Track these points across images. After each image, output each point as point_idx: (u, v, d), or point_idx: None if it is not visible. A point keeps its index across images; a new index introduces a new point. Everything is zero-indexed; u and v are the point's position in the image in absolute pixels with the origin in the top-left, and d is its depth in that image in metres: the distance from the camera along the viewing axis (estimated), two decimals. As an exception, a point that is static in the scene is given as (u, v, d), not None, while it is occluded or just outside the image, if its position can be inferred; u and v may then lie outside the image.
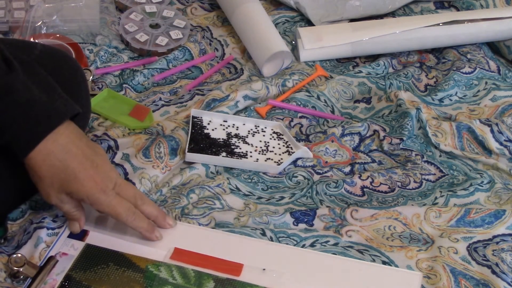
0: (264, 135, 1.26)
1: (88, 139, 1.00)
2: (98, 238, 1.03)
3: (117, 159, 1.16)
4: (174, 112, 1.29)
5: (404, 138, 1.26)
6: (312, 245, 1.07)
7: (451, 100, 1.37)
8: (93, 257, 1.01)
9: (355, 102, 1.36)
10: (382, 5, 1.53)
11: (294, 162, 1.22)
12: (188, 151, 1.18)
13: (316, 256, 1.05)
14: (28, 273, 0.97)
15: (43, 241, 1.02)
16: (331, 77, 1.39)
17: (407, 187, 1.19)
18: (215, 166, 1.19)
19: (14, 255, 0.97)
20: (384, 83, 1.38)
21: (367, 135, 1.28)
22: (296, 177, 1.19)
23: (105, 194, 0.97)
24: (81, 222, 1.02)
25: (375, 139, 1.28)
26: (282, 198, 1.16)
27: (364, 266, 1.04)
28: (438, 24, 1.42)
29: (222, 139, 1.23)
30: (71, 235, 1.03)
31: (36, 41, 1.33)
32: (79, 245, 1.02)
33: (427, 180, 1.21)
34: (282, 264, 1.03)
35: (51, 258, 1.00)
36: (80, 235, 1.03)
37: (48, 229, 1.03)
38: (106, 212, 0.99)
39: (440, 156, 1.25)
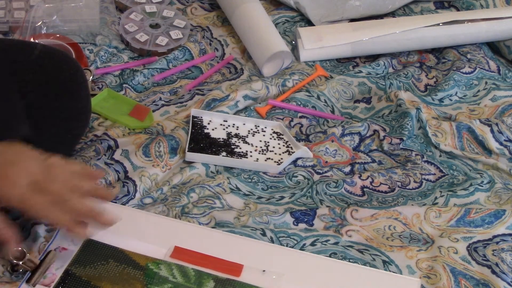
0: (264, 135, 1.26)
1: (9, 147, 0.92)
2: (98, 231, 1.03)
3: (117, 155, 1.16)
4: (174, 112, 1.29)
5: (404, 138, 1.26)
6: (312, 244, 1.07)
7: (451, 100, 1.37)
8: (93, 253, 1.00)
9: (355, 102, 1.36)
10: (382, 5, 1.53)
11: (294, 162, 1.22)
12: (188, 151, 1.18)
13: (316, 260, 1.05)
14: (27, 267, 0.97)
15: (41, 236, 1.02)
16: (331, 77, 1.39)
17: (407, 187, 1.19)
18: (215, 165, 1.19)
19: (14, 249, 0.98)
20: (384, 83, 1.38)
21: (367, 135, 1.28)
22: (296, 177, 1.19)
23: (16, 188, 0.89)
24: (13, 240, 0.92)
25: (375, 139, 1.28)
26: (282, 198, 1.16)
27: (364, 271, 1.04)
28: (438, 24, 1.42)
29: (222, 138, 1.23)
30: None
31: (36, 41, 1.33)
32: (78, 240, 1.02)
33: (427, 180, 1.21)
34: (282, 266, 1.03)
35: (50, 252, 1.00)
36: None
37: (46, 225, 1.03)
38: (22, 209, 0.92)
39: (440, 156, 1.25)
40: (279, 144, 1.25)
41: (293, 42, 1.46)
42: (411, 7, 1.57)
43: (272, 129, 1.27)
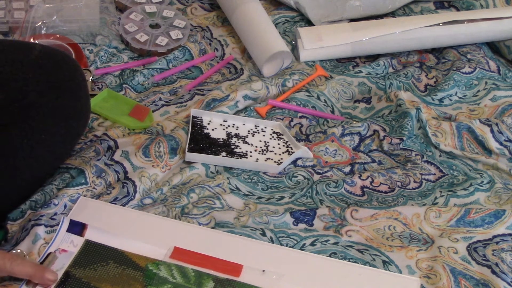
0: (264, 135, 1.26)
1: None
2: (98, 232, 1.03)
3: (117, 156, 1.16)
4: (174, 112, 1.29)
5: (404, 138, 1.26)
6: (312, 244, 1.07)
7: (451, 100, 1.37)
8: (92, 255, 1.01)
9: (355, 102, 1.36)
10: (382, 5, 1.53)
11: (294, 162, 1.22)
12: (188, 151, 1.18)
13: (316, 259, 1.05)
14: None
15: (41, 238, 1.02)
16: (331, 77, 1.39)
17: (407, 187, 1.19)
18: (215, 165, 1.19)
19: (14, 251, 0.98)
20: (384, 83, 1.38)
21: (367, 135, 1.28)
22: (296, 177, 1.19)
23: None
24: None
25: (375, 139, 1.28)
26: (282, 198, 1.16)
27: (364, 270, 1.04)
28: (438, 24, 1.42)
29: (222, 139, 1.23)
30: (70, 229, 1.03)
31: (36, 41, 1.33)
32: (78, 241, 1.02)
33: (427, 180, 1.21)
34: (282, 266, 1.03)
35: (50, 254, 1.00)
36: (79, 229, 1.03)
37: (46, 226, 1.03)
38: None
39: (440, 156, 1.25)
40: (279, 144, 1.25)
41: (293, 42, 1.46)
42: (411, 7, 1.57)
43: (272, 129, 1.27)
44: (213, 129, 1.25)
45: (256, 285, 1.00)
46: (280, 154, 1.23)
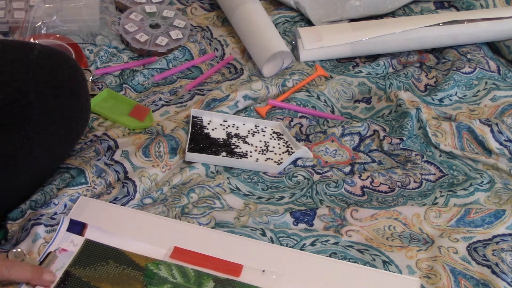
0: (264, 135, 1.26)
1: None
2: (98, 232, 1.03)
3: (117, 156, 1.16)
4: (174, 112, 1.29)
5: (404, 138, 1.26)
6: (312, 244, 1.07)
7: (451, 100, 1.37)
8: (92, 254, 1.01)
9: (355, 102, 1.36)
10: (382, 5, 1.53)
11: (294, 162, 1.22)
12: (188, 151, 1.18)
13: (316, 259, 1.05)
14: None
15: (41, 237, 1.02)
16: (331, 77, 1.39)
17: (407, 187, 1.19)
18: (215, 165, 1.19)
19: (14, 250, 0.98)
20: (384, 83, 1.38)
21: (367, 135, 1.28)
22: (296, 177, 1.19)
23: None
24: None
25: (375, 139, 1.28)
26: (282, 198, 1.16)
27: (363, 271, 1.04)
28: (438, 24, 1.42)
29: (222, 139, 1.23)
30: (70, 228, 1.03)
31: (36, 41, 1.33)
32: (78, 241, 1.02)
33: (427, 180, 1.21)
34: (282, 266, 1.03)
35: (50, 253, 1.00)
36: (79, 229, 1.03)
37: (46, 226, 1.03)
38: None
39: (440, 156, 1.25)
40: (279, 144, 1.25)
41: (293, 42, 1.46)
42: (411, 7, 1.57)
43: (272, 129, 1.27)
44: (213, 129, 1.25)
45: (256, 285, 1.00)
46: (280, 154, 1.23)
